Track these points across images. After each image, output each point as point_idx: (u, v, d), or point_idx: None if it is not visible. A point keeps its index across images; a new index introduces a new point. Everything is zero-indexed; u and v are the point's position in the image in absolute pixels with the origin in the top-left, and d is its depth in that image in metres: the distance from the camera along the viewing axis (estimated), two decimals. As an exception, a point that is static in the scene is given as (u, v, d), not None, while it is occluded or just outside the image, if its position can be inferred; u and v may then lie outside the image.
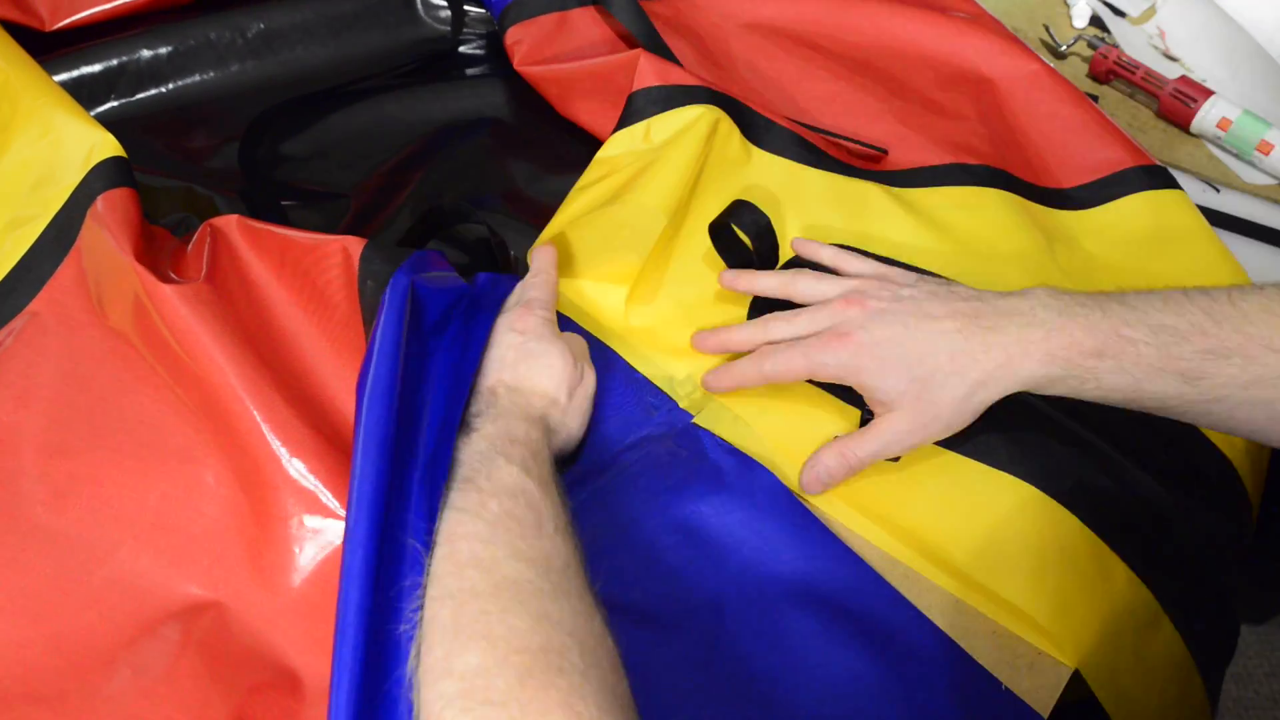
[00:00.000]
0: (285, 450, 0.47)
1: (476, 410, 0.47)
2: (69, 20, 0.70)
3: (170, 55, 0.73)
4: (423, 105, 0.76)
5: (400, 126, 0.74)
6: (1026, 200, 0.66)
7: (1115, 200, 0.66)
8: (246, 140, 0.72)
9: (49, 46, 0.69)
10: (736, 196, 0.59)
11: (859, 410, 0.53)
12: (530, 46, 0.71)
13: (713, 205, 0.60)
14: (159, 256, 0.54)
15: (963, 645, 0.48)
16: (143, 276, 0.50)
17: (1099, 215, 0.66)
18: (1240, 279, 0.64)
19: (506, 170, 0.72)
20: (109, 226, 0.52)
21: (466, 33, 0.81)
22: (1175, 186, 0.67)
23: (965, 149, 0.68)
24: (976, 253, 0.62)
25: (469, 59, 0.80)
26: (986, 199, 0.64)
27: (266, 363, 0.49)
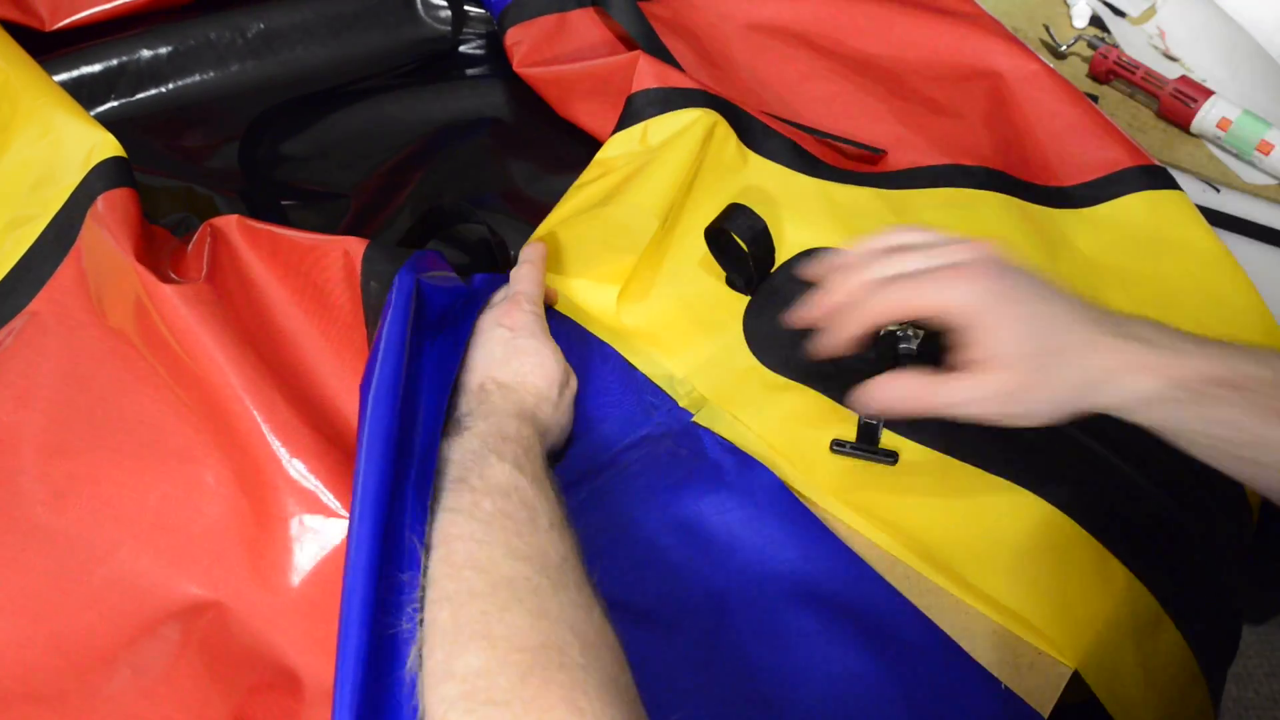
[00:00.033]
0: (285, 450, 0.47)
1: (467, 409, 0.47)
2: (69, 20, 0.70)
3: (170, 55, 0.73)
4: (423, 105, 0.76)
5: (400, 126, 0.74)
6: (1025, 202, 0.66)
7: (1115, 199, 0.66)
8: (246, 140, 0.72)
9: (49, 46, 0.69)
10: (732, 200, 0.59)
11: (858, 411, 0.54)
12: (530, 47, 0.71)
13: (708, 208, 0.60)
14: (159, 256, 0.54)
15: (963, 645, 0.48)
16: (143, 276, 0.50)
17: (1099, 213, 0.66)
18: (1240, 279, 0.64)
19: (506, 170, 0.72)
20: (109, 226, 0.52)
21: (466, 33, 0.81)
22: (1175, 187, 0.67)
23: (964, 150, 0.68)
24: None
25: (469, 59, 0.80)
26: (983, 201, 0.64)
27: (266, 363, 0.49)
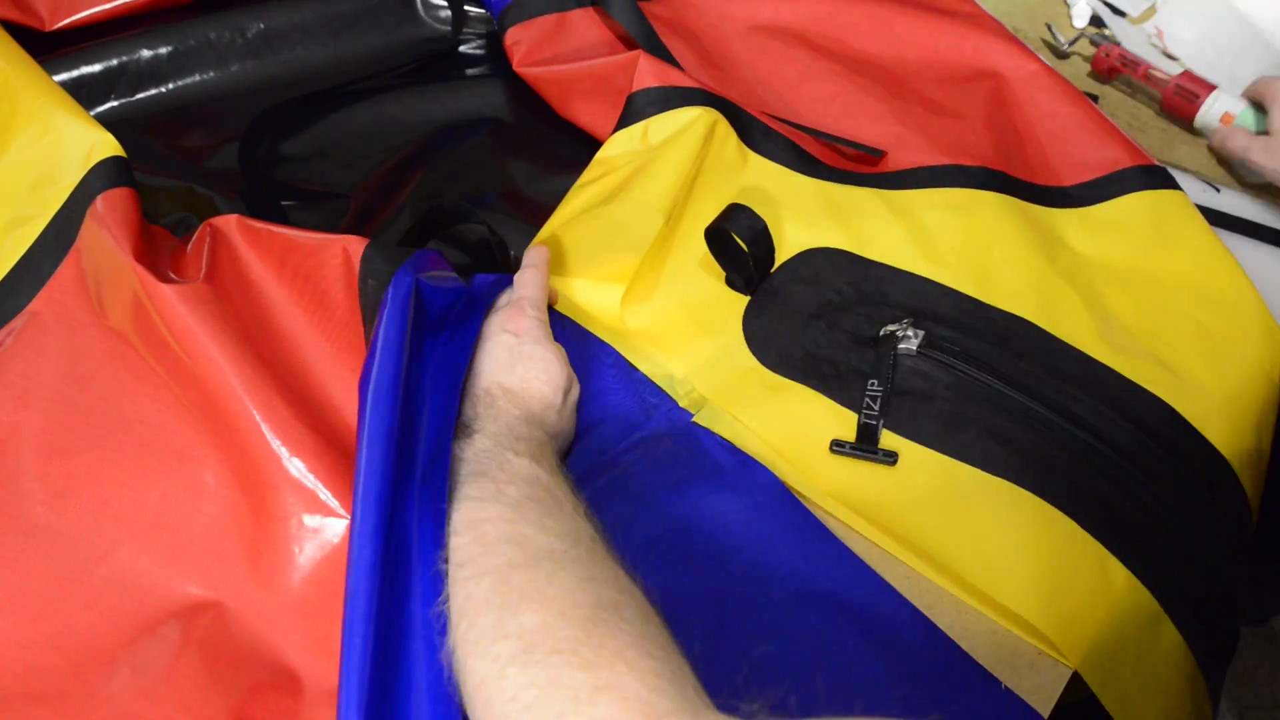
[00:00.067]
0: (285, 450, 0.47)
1: (474, 414, 0.47)
2: (69, 20, 0.70)
3: (170, 55, 0.73)
4: (423, 105, 0.76)
5: (400, 126, 0.74)
6: (1025, 202, 0.66)
7: (1115, 199, 0.66)
8: (246, 140, 0.72)
9: (49, 46, 0.69)
10: (732, 200, 0.59)
11: (858, 412, 0.54)
12: (529, 47, 0.71)
13: (709, 208, 0.60)
14: (158, 256, 0.54)
15: (963, 645, 0.48)
16: (142, 276, 0.50)
17: (1098, 213, 0.66)
18: (1240, 279, 0.64)
19: (506, 170, 0.72)
20: (109, 226, 0.52)
21: (466, 33, 0.81)
22: (1175, 187, 0.67)
23: (964, 150, 0.68)
24: (971, 255, 0.62)
25: (469, 59, 0.80)
26: (983, 201, 0.64)
27: (266, 362, 0.49)
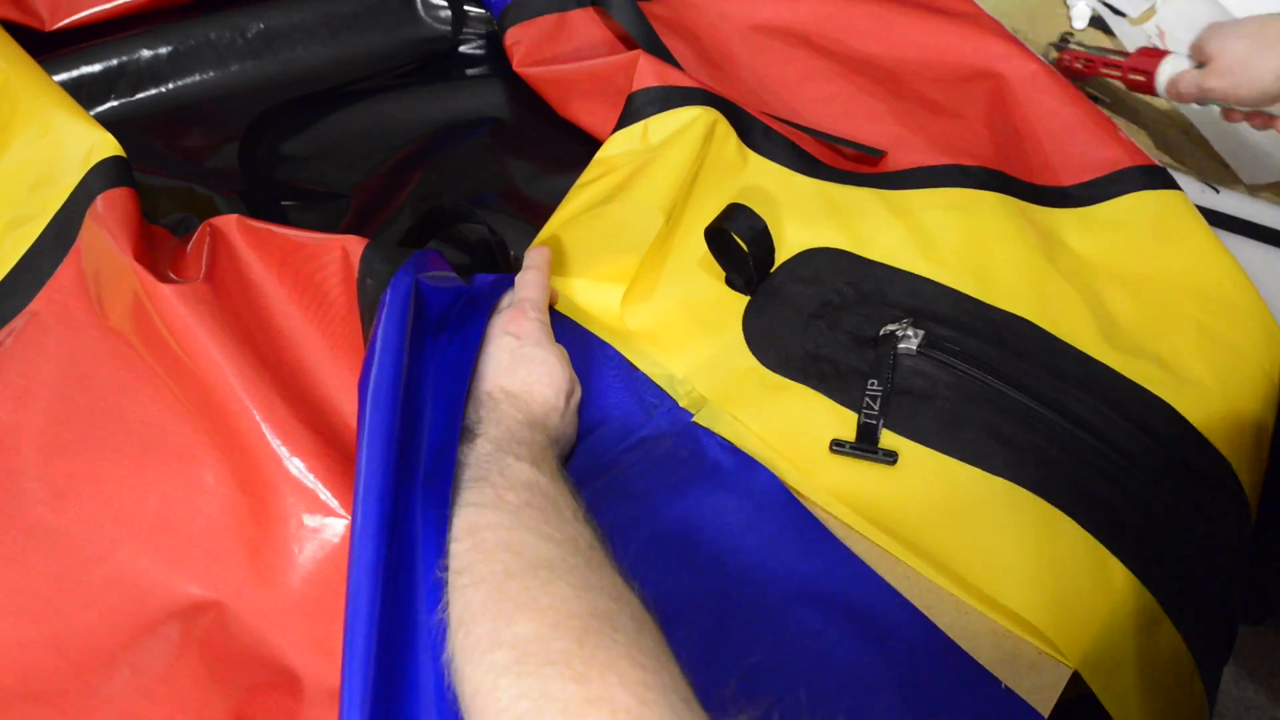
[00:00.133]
0: (285, 449, 0.47)
1: (476, 416, 0.47)
2: (69, 20, 0.70)
3: (170, 55, 0.73)
4: (423, 105, 0.76)
5: (400, 126, 0.74)
6: (1025, 202, 0.66)
7: (1114, 199, 0.66)
8: (246, 140, 0.72)
9: (49, 46, 0.69)
10: (732, 200, 0.59)
11: (858, 412, 0.54)
12: (529, 47, 0.71)
13: (709, 207, 0.60)
14: (158, 256, 0.54)
15: (963, 645, 0.48)
16: (142, 276, 0.50)
17: (1098, 212, 0.66)
18: (1240, 279, 0.64)
19: (506, 170, 0.72)
20: (108, 226, 0.52)
21: (466, 33, 0.81)
22: (1175, 187, 0.67)
23: (964, 150, 0.68)
24: (970, 255, 0.62)
25: (469, 59, 0.80)
26: (982, 201, 0.64)
27: (265, 362, 0.49)
